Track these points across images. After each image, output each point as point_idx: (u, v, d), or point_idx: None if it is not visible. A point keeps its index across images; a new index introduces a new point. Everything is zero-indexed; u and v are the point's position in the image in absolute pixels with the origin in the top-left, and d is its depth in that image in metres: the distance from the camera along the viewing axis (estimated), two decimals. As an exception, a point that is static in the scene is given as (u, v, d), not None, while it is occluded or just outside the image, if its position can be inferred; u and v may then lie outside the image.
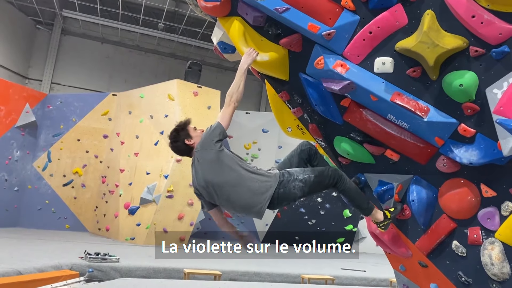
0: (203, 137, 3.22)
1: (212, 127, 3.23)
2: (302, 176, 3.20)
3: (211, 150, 3.15)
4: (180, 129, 3.32)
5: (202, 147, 3.19)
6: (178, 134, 3.30)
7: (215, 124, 3.25)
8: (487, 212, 2.90)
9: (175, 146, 3.34)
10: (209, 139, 3.17)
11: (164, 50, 17.61)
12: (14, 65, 14.98)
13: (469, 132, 2.82)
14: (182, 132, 3.30)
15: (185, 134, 3.29)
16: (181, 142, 3.29)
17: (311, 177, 3.20)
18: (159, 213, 10.04)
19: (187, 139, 3.27)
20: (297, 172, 3.25)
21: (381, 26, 2.93)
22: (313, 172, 3.25)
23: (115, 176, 11.26)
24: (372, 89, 3.00)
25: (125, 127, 11.46)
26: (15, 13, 14.81)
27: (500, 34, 2.58)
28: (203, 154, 3.19)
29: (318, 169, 3.31)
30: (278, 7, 3.11)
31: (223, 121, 3.24)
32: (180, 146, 3.32)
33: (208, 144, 3.17)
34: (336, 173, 3.25)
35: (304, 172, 3.24)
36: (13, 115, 11.18)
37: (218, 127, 3.22)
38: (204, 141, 3.20)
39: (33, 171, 11.67)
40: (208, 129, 3.24)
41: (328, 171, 3.25)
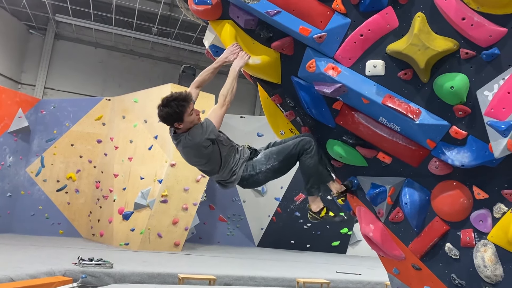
0: (196, 134, 3.20)
1: (205, 125, 3.22)
2: (264, 167, 3.34)
3: (200, 146, 3.20)
4: (176, 108, 3.19)
5: (192, 140, 3.21)
6: (169, 114, 3.20)
7: (208, 123, 3.24)
8: (480, 214, 2.90)
9: (164, 118, 3.26)
10: (202, 136, 3.19)
11: (158, 54, 17.58)
12: (7, 70, 14.90)
13: (460, 134, 2.82)
14: (176, 113, 3.19)
15: (178, 117, 3.20)
16: (170, 120, 3.23)
17: (275, 165, 3.34)
18: (153, 218, 9.99)
19: (178, 122, 3.22)
20: (260, 163, 3.35)
21: (372, 28, 2.94)
22: (278, 157, 3.34)
23: (109, 181, 11.20)
24: (363, 92, 3.00)
25: (119, 132, 11.41)
26: (8, 18, 14.74)
27: (490, 36, 2.59)
28: (190, 145, 3.23)
29: (283, 151, 3.35)
30: (269, 10, 3.11)
31: (216, 121, 3.26)
32: (167, 121, 3.26)
33: (199, 140, 3.19)
34: (302, 147, 3.32)
35: (267, 162, 3.35)
36: (6, 120, 11.11)
37: (211, 126, 3.23)
38: (196, 135, 3.20)
39: (26, 177, 11.58)
40: (201, 127, 3.22)
41: (294, 149, 3.33)
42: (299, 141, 3.35)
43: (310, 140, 3.35)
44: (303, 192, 12.17)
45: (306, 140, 3.35)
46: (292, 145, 3.34)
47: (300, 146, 3.32)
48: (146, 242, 10.00)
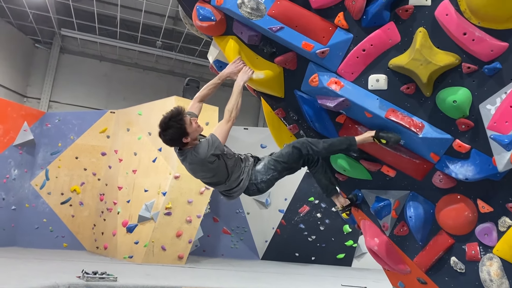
0: (202, 149, 3.19)
1: (211, 141, 3.22)
2: (265, 177, 3.35)
3: (205, 162, 3.20)
4: (178, 125, 3.15)
5: (198, 156, 3.20)
6: (175, 132, 3.16)
7: (214, 139, 3.23)
8: (485, 227, 2.90)
9: (167, 141, 3.24)
10: (207, 152, 3.18)
11: (162, 67, 17.72)
12: (12, 84, 15.04)
13: (464, 147, 2.83)
14: (179, 129, 3.15)
15: (183, 132, 3.17)
16: (177, 140, 3.20)
17: (274, 175, 3.35)
18: (157, 231, 9.97)
19: (185, 137, 3.19)
20: (260, 173, 3.37)
21: (374, 44, 2.97)
22: (276, 168, 3.33)
23: (113, 194, 11.21)
24: (366, 106, 3.03)
25: (123, 144, 11.45)
26: (14, 33, 14.93)
27: (492, 51, 2.61)
28: (196, 161, 3.23)
29: (280, 162, 3.32)
30: (273, 26, 3.15)
31: (221, 137, 3.26)
32: (175, 142, 3.24)
33: (204, 156, 3.18)
34: (299, 154, 3.24)
35: (267, 172, 3.35)
36: (11, 133, 11.17)
37: (217, 141, 3.22)
38: (202, 151, 3.19)
39: (30, 190, 11.61)
40: (207, 143, 3.21)
41: (290, 158, 3.28)
42: (292, 149, 3.27)
43: (304, 146, 3.24)
44: (308, 204, 12.16)
45: (298, 147, 3.25)
46: (286, 155, 3.30)
47: (295, 154, 3.26)
48: (150, 255, 9.97)
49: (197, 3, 3.50)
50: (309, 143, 3.22)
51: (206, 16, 3.41)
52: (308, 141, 3.26)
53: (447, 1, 2.70)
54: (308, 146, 3.21)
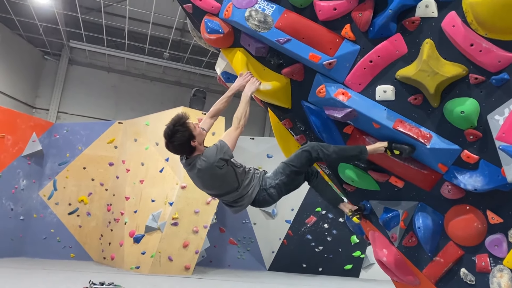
0: (211, 154, 3.18)
1: (219, 146, 3.21)
2: (274, 182, 3.31)
3: (214, 166, 3.17)
4: (184, 129, 3.16)
5: (207, 161, 3.17)
6: (182, 136, 3.15)
7: (222, 144, 3.22)
8: (495, 239, 2.88)
9: (175, 147, 3.20)
10: (216, 156, 3.17)
11: (169, 78, 17.84)
12: (22, 95, 15.22)
13: (472, 158, 2.83)
14: (186, 132, 3.16)
15: (189, 135, 3.17)
16: (185, 143, 3.17)
17: (283, 179, 3.29)
18: (164, 241, 9.97)
19: (192, 140, 3.19)
20: (270, 178, 3.34)
21: (381, 55, 2.99)
22: (284, 171, 3.28)
23: (120, 204, 11.24)
24: (374, 117, 3.04)
25: (131, 155, 11.51)
26: (24, 45, 15.14)
27: (499, 61, 2.62)
28: (204, 167, 3.19)
29: (290, 165, 3.27)
30: (280, 39, 3.19)
31: (230, 144, 3.25)
32: (183, 147, 3.21)
33: (213, 160, 3.16)
34: (309, 157, 3.18)
35: (275, 176, 3.32)
36: (20, 144, 11.28)
37: (225, 146, 3.21)
38: (210, 155, 3.18)
39: (39, 200, 11.68)
40: (215, 147, 3.21)
41: (298, 162, 3.23)
42: (301, 152, 3.24)
43: (314, 149, 3.19)
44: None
45: (308, 150, 3.20)
46: (296, 158, 3.27)
47: (304, 157, 3.21)
48: (156, 265, 9.96)
49: (205, 16, 3.55)
50: (319, 146, 3.18)
51: (214, 29, 3.46)
52: (318, 144, 3.23)
53: (453, 12, 2.71)
54: (319, 149, 3.16)
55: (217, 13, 3.48)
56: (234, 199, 3.37)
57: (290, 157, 3.33)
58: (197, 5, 3.54)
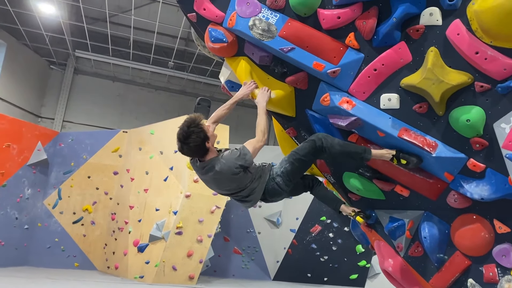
0: (231, 157, 3.16)
1: (242, 152, 3.18)
2: (279, 170, 3.27)
3: (233, 170, 3.15)
4: (199, 130, 3.12)
5: (227, 163, 3.15)
6: (197, 137, 3.10)
7: (246, 150, 3.20)
8: (502, 248, 2.84)
9: (191, 148, 3.13)
10: (236, 161, 3.15)
11: (174, 87, 17.92)
12: (27, 105, 15.33)
13: (478, 167, 2.80)
14: (201, 133, 3.12)
15: (205, 136, 3.13)
16: (201, 144, 3.12)
17: (287, 167, 3.24)
18: (168, 250, 9.92)
19: (207, 141, 3.15)
20: (276, 168, 3.32)
21: (386, 63, 2.98)
22: (288, 159, 3.24)
23: (124, 213, 11.22)
24: (379, 125, 3.02)
25: (135, 164, 11.52)
26: (30, 55, 15.28)
27: (505, 69, 2.60)
28: (224, 170, 3.16)
29: (294, 153, 3.23)
30: (284, 47, 3.19)
31: (253, 153, 3.22)
32: (199, 149, 3.15)
33: (233, 164, 3.14)
34: (313, 146, 3.13)
35: (281, 165, 3.29)
36: (25, 153, 11.32)
37: (248, 154, 3.18)
38: (231, 157, 3.16)
39: (43, 209, 11.69)
40: (238, 152, 3.18)
41: (304, 148, 3.17)
42: (306, 142, 3.21)
43: (319, 138, 3.15)
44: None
45: (313, 139, 3.17)
46: (300, 146, 3.25)
47: (309, 146, 3.16)
48: (160, 275, 9.91)
49: (209, 25, 3.56)
50: (324, 136, 3.14)
51: (218, 38, 3.47)
52: (324, 134, 3.20)
53: (458, 20, 2.70)
54: (323, 138, 3.11)
55: (221, 22, 3.49)
56: (247, 193, 3.35)
57: (297, 147, 3.32)
58: (201, 14, 3.55)
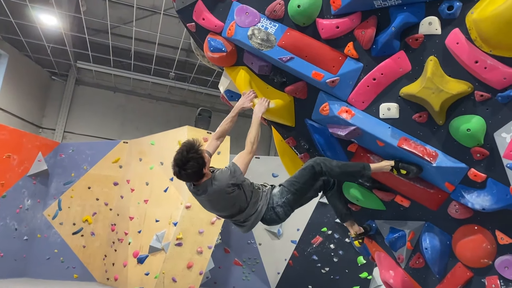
0: (223, 177, 3.15)
1: (233, 170, 3.17)
2: (280, 201, 3.26)
3: (225, 190, 3.14)
4: (198, 156, 3.07)
5: (218, 184, 3.13)
6: (196, 163, 3.05)
7: (236, 168, 3.18)
8: (505, 260, 2.80)
9: (189, 175, 3.08)
10: (228, 181, 3.13)
11: (175, 98, 17.95)
12: (28, 115, 15.36)
13: (479, 177, 2.77)
14: (200, 159, 3.07)
15: (203, 162, 3.09)
16: (198, 171, 3.08)
17: (289, 197, 3.25)
18: (168, 262, 9.85)
19: (204, 167, 3.11)
20: (276, 196, 3.29)
21: (385, 72, 2.96)
22: (289, 190, 3.24)
23: (124, 224, 11.17)
24: (378, 135, 3.00)
25: (136, 174, 11.49)
26: (32, 66, 15.35)
27: (505, 78, 2.58)
28: (215, 190, 3.15)
29: (294, 182, 3.24)
30: (283, 57, 3.18)
31: (242, 167, 3.21)
32: (196, 175, 3.10)
33: (225, 185, 3.13)
34: (312, 172, 3.14)
35: (281, 195, 3.27)
36: (26, 164, 11.31)
37: (238, 171, 3.17)
38: (223, 178, 3.15)
39: (43, 220, 11.64)
40: (228, 171, 3.17)
41: (303, 176, 3.19)
42: (304, 168, 3.21)
43: (317, 163, 3.15)
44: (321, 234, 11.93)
45: (311, 165, 3.17)
46: (299, 173, 3.23)
47: (308, 172, 3.17)
48: (160, 286, 9.81)
49: (208, 35, 3.56)
50: (322, 160, 3.15)
51: (217, 47, 3.46)
52: (321, 158, 3.20)
53: (457, 29, 2.70)
54: (322, 162, 3.12)
55: (220, 32, 3.49)
56: (243, 218, 3.34)
57: (295, 174, 3.30)
58: (200, 24, 3.56)
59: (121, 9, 12.91)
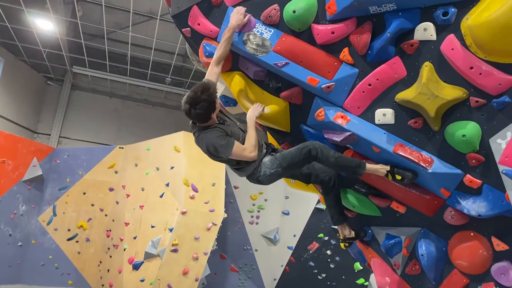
0: (213, 138, 3.15)
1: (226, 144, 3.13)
2: (269, 171, 3.24)
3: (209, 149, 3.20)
4: (211, 99, 3.07)
5: (205, 140, 3.18)
6: (207, 105, 3.06)
7: (231, 143, 3.14)
8: (501, 266, 2.78)
9: (198, 114, 3.09)
10: (213, 145, 3.15)
11: (171, 103, 17.94)
12: (24, 120, 15.29)
13: (475, 183, 2.76)
14: (212, 103, 3.09)
15: (214, 107, 3.11)
16: (207, 113, 3.10)
17: (278, 170, 3.22)
18: (163, 268, 9.78)
19: (213, 111, 3.13)
20: (265, 166, 3.27)
21: (380, 78, 2.96)
22: (282, 163, 3.20)
23: (119, 230, 11.10)
24: (374, 140, 2.99)
25: (131, 180, 11.44)
26: (28, 71, 15.31)
27: (500, 84, 2.57)
28: (201, 143, 3.23)
29: (287, 157, 3.19)
30: (278, 62, 3.17)
31: (235, 152, 3.15)
32: (204, 116, 3.12)
33: (207, 146, 3.18)
34: (308, 154, 3.09)
35: (271, 166, 3.24)
36: (21, 169, 11.24)
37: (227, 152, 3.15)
38: (210, 139, 3.16)
39: (37, 226, 11.55)
40: (222, 140, 3.14)
41: (296, 156, 3.13)
42: (302, 147, 3.14)
43: (315, 147, 3.10)
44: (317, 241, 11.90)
45: (309, 147, 3.10)
46: (295, 151, 3.17)
47: (304, 153, 3.11)
48: (156, 293, 9.74)
49: (203, 40, 3.55)
50: (321, 146, 3.10)
51: (212, 52, 3.45)
52: (320, 144, 3.14)
53: (452, 35, 2.69)
54: (319, 148, 3.08)
55: (215, 37, 3.48)
56: (233, 167, 3.40)
57: (291, 149, 3.24)
58: (195, 29, 3.55)
59: (117, 14, 12.90)
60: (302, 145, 3.15)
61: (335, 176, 3.44)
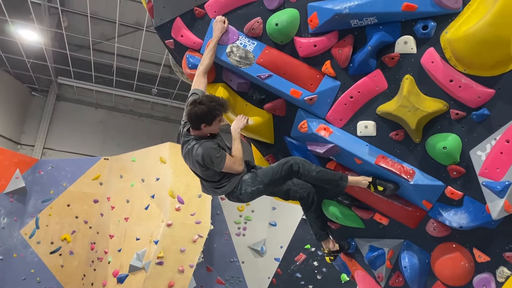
0: (206, 150, 3.08)
1: (220, 155, 3.09)
2: (250, 189, 3.19)
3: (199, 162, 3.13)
4: (214, 112, 3.05)
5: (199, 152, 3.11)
6: (206, 112, 3.03)
7: (223, 156, 3.11)
8: (483, 278, 2.79)
9: (195, 114, 3.08)
10: (206, 159, 3.08)
11: (157, 114, 17.85)
12: (6, 132, 15.04)
13: (456, 194, 2.77)
14: (210, 115, 3.05)
15: (211, 118, 3.07)
16: (198, 120, 3.09)
17: (260, 188, 3.18)
18: (148, 281, 9.63)
19: (205, 124, 3.09)
20: (246, 184, 3.20)
21: (362, 91, 2.98)
22: (263, 180, 3.16)
23: (104, 243, 10.92)
24: (356, 152, 3.00)
25: (116, 192, 11.29)
26: (11, 81, 15.11)
27: (479, 97, 2.61)
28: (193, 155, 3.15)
29: (268, 174, 3.15)
30: (261, 74, 3.18)
31: (226, 164, 3.12)
32: (196, 120, 3.11)
33: (200, 159, 3.10)
34: (289, 170, 3.07)
35: (253, 183, 3.19)
36: (3, 181, 11.02)
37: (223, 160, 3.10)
38: (204, 151, 3.09)
39: (19, 239, 11.30)
40: (216, 151, 3.09)
41: (278, 172, 3.10)
42: (284, 163, 3.12)
43: (296, 162, 3.09)
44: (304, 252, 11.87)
45: (291, 163, 3.10)
46: (276, 167, 3.14)
47: (285, 169, 3.09)
48: (140, 307, 9.58)
49: (187, 52, 3.55)
50: (302, 161, 3.09)
51: (195, 64, 3.45)
52: (301, 159, 3.13)
53: (432, 49, 2.73)
54: (301, 163, 3.06)
55: (198, 49, 3.48)
56: (212, 187, 3.34)
57: (272, 165, 3.21)
58: (178, 41, 3.54)
59: (103, 25, 12.85)
60: (283, 160, 3.14)
61: (314, 192, 3.42)
